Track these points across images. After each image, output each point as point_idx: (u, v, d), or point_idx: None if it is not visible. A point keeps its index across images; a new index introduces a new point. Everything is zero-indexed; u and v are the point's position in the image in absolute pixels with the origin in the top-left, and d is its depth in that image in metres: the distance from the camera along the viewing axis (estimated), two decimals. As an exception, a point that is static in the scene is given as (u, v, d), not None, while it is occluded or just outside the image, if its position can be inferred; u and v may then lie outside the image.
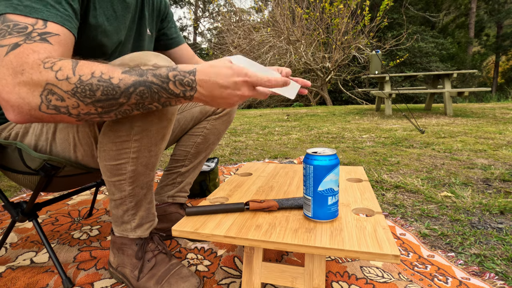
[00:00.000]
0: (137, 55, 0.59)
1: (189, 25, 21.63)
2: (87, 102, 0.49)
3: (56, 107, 0.49)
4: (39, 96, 0.48)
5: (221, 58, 0.57)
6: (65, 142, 0.68)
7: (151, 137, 0.65)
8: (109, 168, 0.67)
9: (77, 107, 0.50)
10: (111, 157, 0.65)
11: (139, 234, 0.75)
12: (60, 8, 0.54)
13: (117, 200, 0.71)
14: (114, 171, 0.67)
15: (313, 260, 0.60)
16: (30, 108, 0.48)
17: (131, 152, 0.65)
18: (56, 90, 0.48)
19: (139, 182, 0.70)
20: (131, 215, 0.73)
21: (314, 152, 0.60)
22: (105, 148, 0.65)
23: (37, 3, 0.51)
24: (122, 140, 0.63)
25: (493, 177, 1.56)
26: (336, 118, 4.65)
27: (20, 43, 0.48)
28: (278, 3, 7.74)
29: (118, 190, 0.70)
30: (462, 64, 15.24)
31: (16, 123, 0.56)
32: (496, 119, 3.71)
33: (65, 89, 0.48)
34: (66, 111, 0.50)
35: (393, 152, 2.21)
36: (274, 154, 2.25)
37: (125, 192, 0.70)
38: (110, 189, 0.70)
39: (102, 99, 0.50)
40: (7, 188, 1.60)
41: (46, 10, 0.52)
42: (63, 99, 0.48)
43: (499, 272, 0.81)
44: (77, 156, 0.69)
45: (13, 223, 0.84)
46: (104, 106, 0.51)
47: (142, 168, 0.68)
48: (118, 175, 0.67)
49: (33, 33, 0.49)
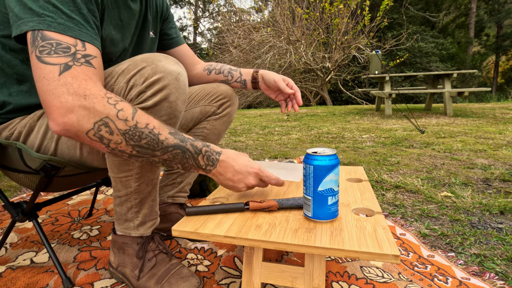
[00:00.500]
0: (148, 56, 0.63)
1: (189, 25, 21.64)
2: (130, 144, 0.56)
3: (102, 137, 0.55)
4: (93, 123, 0.53)
5: (244, 154, 0.70)
6: (71, 140, 0.68)
7: None
8: (116, 164, 0.67)
9: (119, 144, 0.56)
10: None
11: (142, 232, 0.75)
12: (89, 27, 0.58)
13: (122, 197, 0.72)
14: (122, 166, 0.67)
15: (313, 260, 0.60)
16: (79, 129, 0.53)
17: None
18: (111, 125, 0.54)
19: (145, 179, 0.70)
20: (135, 213, 0.73)
21: (314, 152, 0.60)
22: None
23: (70, 21, 0.55)
24: None
25: (493, 177, 1.56)
26: (336, 118, 4.65)
27: (70, 64, 0.53)
28: (278, 3, 7.74)
29: (124, 187, 0.70)
30: (462, 64, 15.24)
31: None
32: (496, 119, 3.71)
33: (119, 127, 0.54)
34: (107, 142, 0.55)
35: (393, 152, 2.21)
36: (274, 154, 2.25)
37: (131, 188, 0.70)
38: (116, 185, 0.71)
39: (143, 146, 0.57)
40: (7, 188, 1.60)
41: (78, 29, 0.56)
42: (112, 134, 0.54)
43: (499, 272, 0.81)
44: (83, 153, 0.70)
45: (13, 223, 0.84)
46: (141, 152, 0.57)
47: (149, 164, 0.68)
48: (125, 171, 0.68)
49: (77, 55, 0.54)
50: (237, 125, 4.19)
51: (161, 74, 0.61)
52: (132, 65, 0.62)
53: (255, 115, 5.69)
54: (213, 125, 0.98)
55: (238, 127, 4.01)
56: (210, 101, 0.96)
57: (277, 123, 4.33)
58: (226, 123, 1.00)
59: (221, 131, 1.00)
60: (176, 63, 0.65)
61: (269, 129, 3.73)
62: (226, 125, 1.00)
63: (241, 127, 4.01)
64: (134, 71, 0.61)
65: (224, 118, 0.99)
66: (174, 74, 0.63)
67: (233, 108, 1.00)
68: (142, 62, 0.61)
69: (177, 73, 0.63)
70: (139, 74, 0.61)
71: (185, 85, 0.66)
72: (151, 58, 0.62)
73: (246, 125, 4.16)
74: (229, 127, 1.07)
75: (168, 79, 0.62)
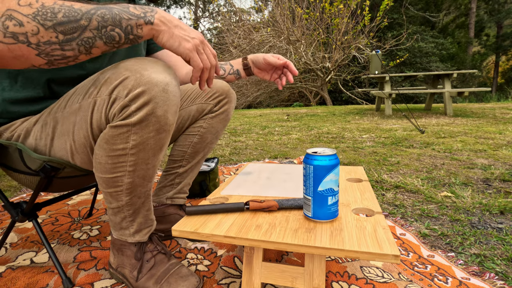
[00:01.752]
0: (132, 63, 0.58)
1: (189, 25, 21.60)
2: (47, 26, 0.48)
3: (14, 35, 0.47)
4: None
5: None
6: (62, 150, 0.66)
7: (148, 150, 0.62)
8: (105, 180, 0.65)
9: (37, 34, 0.48)
10: (107, 170, 0.63)
11: (138, 239, 0.74)
12: None
13: (114, 209, 0.70)
14: (110, 183, 0.65)
15: (313, 260, 0.60)
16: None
17: (128, 166, 0.63)
18: (16, 15, 0.47)
19: (136, 193, 0.68)
20: (129, 222, 0.72)
21: (314, 152, 0.60)
22: (100, 161, 0.63)
23: None
24: (117, 154, 0.61)
25: (493, 177, 1.56)
26: (336, 118, 4.65)
27: None
28: (278, 3, 7.74)
29: (115, 200, 0.68)
30: (462, 64, 15.24)
31: (20, 125, 0.57)
32: (496, 119, 3.71)
33: (25, 13, 0.47)
34: (25, 38, 0.48)
35: (393, 152, 2.21)
36: (274, 154, 2.25)
37: (122, 201, 0.68)
38: (107, 198, 0.69)
39: (63, 21, 0.49)
40: (7, 188, 1.60)
41: None
42: (22, 24, 0.47)
43: (499, 272, 0.81)
44: (76, 162, 0.68)
45: (13, 223, 0.84)
46: (65, 30, 0.49)
47: (139, 180, 0.66)
48: (114, 187, 0.66)
49: None
50: (237, 125, 4.19)
51: (146, 86, 0.56)
52: (114, 74, 0.58)
53: (255, 115, 5.69)
54: (210, 124, 0.96)
55: (238, 127, 4.02)
56: (206, 98, 0.94)
57: (277, 123, 4.33)
58: (224, 121, 0.98)
59: (218, 130, 0.98)
60: (165, 70, 0.60)
61: (269, 129, 3.73)
62: (223, 123, 0.98)
63: (241, 127, 4.01)
64: (117, 82, 0.57)
65: (221, 116, 0.96)
66: (161, 86, 0.57)
67: (231, 105, 0.97)
68: (126, 71, 0.57)
69: (165, 83, 0.58)
70: (121, 85, 0.56)
71: (175, 95, 0.60)
72: (135, 67, 0.57)
73: (246, 125, 4.16)
74: (227, 125, 1.05)
75: (154, 91, 0.56)
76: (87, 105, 0.60)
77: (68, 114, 0.63)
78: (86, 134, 0.62)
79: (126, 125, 0.57)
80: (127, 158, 0.62)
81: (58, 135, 0.65)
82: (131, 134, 0.59)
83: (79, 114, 0.62)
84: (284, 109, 7.14)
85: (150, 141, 0.61)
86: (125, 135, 0.59)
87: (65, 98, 0.66)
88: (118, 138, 0.59)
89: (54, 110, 0.66)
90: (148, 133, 0.59)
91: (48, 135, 0.66)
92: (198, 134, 0.96)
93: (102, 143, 0.61)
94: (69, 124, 0.63)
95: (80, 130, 0.62)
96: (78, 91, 0.64)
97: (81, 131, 0.62)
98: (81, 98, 0.62)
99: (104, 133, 0.60)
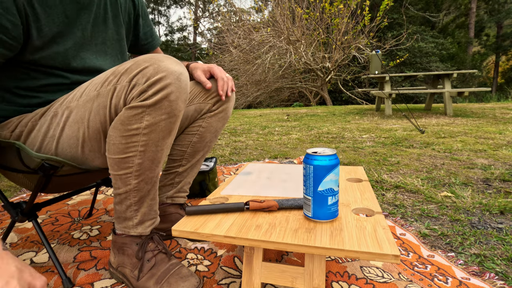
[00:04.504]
0: (151, 56, 0.64)
1: (189, 25, 21.65)
2: None
3: None
4: None
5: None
6: (73, 138, 0.69)
7: (159, 132, 0.66)
8: (116, 161, 0.68)
9: None
10: (120, 151, 0.67)
11: (140, 232, 0.75)
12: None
13: (121, 194, 0.72)
14: (122, 164, 0.68)
15: (313, 260, 0.60)
16: None
17: (139, 146, 0.67)
18: None
19: (144, 176, 0.71)
20: (134, 211, 0.73)
21: (314, 152, 0.60)
22: (114, 142, 0.67)
23: None
24: (131, 133, 0.65)
25: (493, 177, 1.56)
26: (336, 118, 4.65)
27: None
28: (278, 3, 7.74)
29: (124, 184, 0.70)
30: (462, 64, 15.24)
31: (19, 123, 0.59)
32: (496, 119, 3.71)
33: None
34: None
35: (393, 152, 2.21)
36: (274, 154, 2.25)
37: (130, 185, 0.71)
38: (116, 183, 0.71)
39: None
40: (7, 188, 1.60)
41: None
42: None
43: (499, 272, 0.81)
44: (84, 151, 0.70)
45: (12, 223, 0.84)
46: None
47: (148, 162, 0.69)
48: (125, 168, 0.69)
49: None
50: (237, 125, 4.19)
51: (163, 73, 0.62)
52: (134, 65, 0.64)
53: (255, 115, 5.69)
54: (208, 123, 0.95)
55: (238, 127, 4.02)
56: (205, 98, 0.94)
57: (277, 123, 4.33)
58: (223, 119, 0.97)
59: (217, 128, 0.97)
60: (178, 63, 0.66)
61: (269, 129, 3.73)
62: (222, 121, 0.98)
63: (241, 127, 4.01)
64: (137, 71, 0.63)
65: (220, 115, 0.96)
66: (176, 74, 0.64)
67: (229, 104, 0.97)
68: (145, 62, 0.63)
69: (179, 73, 0.65)
70: (141, 74, 0.63)
71: (187, 85, 0.67)
72: (154, 58, 0.64)
73: (246, 125, 4.16)
74: (226, 123, 1.05)
75: (170, 78, 0.63)
76: (106, 92, 0.65)
77: (83, 102, 0.68)
78: (103, 119, 0.67)
79: (141, 106, 0.63)
80: (140, 138, 0.66)
81: (70, 124, 0.69)
82: (145, 115, 0.64)
83: (97, 100, 0.66)
84: (284, 109, 7.14)
85: (161, 123, 0.66)
86: (140, 116, 0.64)
87: (79, 90, 0.70)
88: (133, 118, 0.64)
89: (68, 100, 0.70)
90: (161, 115, 0.64)
91: (59, 125, 0.69)
92: (198, 133, 0.96)
93: (117, 124, 0.65)
94: (85, 111, 0.67)
95: (96, 116, 0.67)
96: (94, 82, 0.69)
97: (97, 117, 0.67)
98: (99, 87, 0.67)
99: (120, 115, 0.65)
